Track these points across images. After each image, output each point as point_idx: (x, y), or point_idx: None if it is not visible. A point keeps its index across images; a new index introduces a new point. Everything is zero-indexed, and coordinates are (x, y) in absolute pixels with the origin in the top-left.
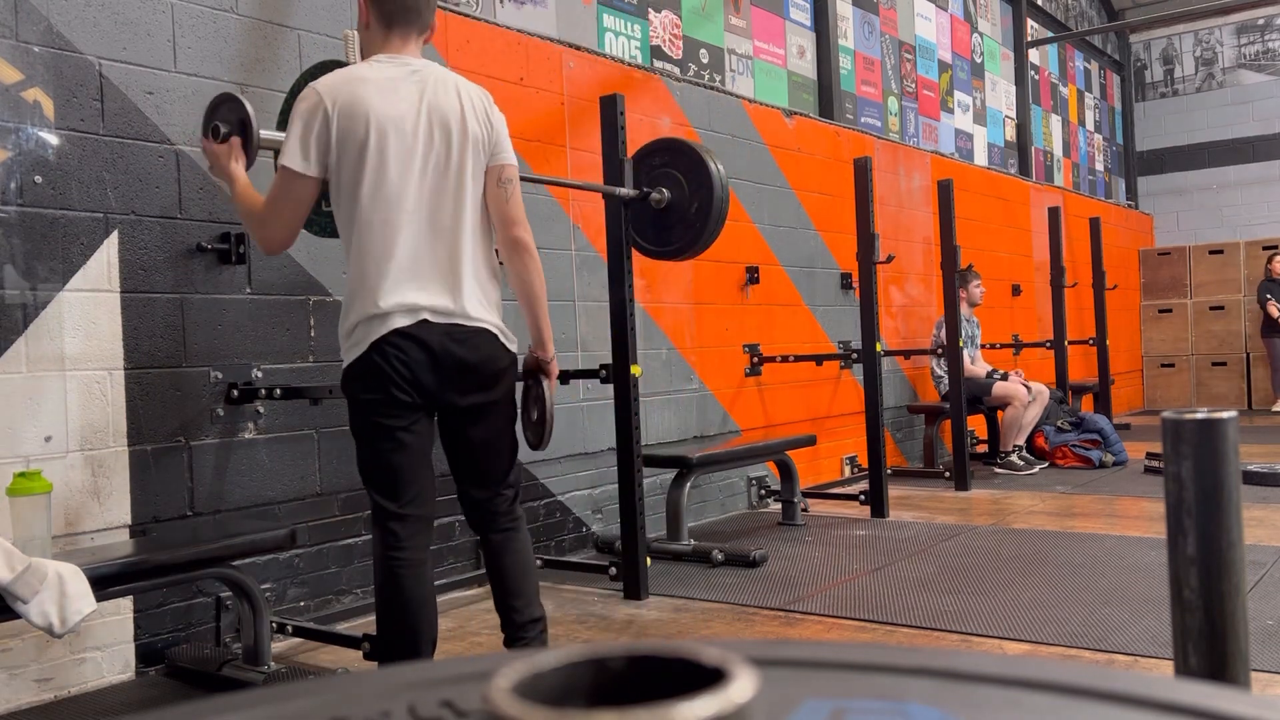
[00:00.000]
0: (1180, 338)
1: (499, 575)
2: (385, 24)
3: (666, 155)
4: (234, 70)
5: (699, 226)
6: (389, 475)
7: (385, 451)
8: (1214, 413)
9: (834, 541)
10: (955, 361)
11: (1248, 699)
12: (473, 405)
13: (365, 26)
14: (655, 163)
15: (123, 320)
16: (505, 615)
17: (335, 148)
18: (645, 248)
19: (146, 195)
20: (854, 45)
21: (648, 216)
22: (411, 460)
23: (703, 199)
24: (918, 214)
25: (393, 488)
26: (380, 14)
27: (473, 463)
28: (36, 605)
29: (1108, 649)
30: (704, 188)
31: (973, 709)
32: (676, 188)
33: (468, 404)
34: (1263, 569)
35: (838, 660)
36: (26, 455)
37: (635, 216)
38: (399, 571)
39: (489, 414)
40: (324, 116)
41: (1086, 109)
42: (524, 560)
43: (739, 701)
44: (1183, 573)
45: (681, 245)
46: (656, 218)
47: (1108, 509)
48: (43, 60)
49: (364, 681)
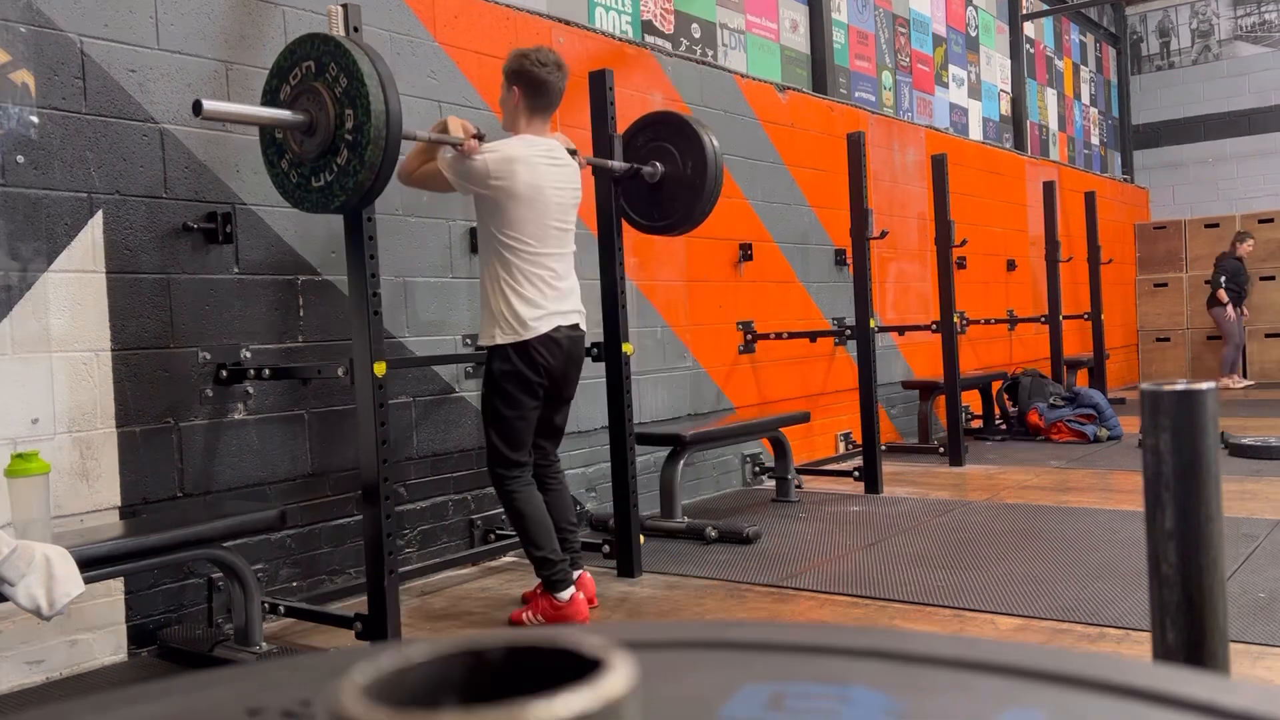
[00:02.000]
0: (1176, 312)
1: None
2: (530, 111)
3: (658, 129)
4: (218, 47)
5: (693, 199)
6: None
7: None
8: (1193, 384)
9: (828, 518)
10: (950, 335)
11: (1200, 680)
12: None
13: (515, 107)
14: (647, 136)
15: (109, 301)
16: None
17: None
18: (640, 223)
19: (131, 174)
20: (847, 19)
21: (642, 192)
22: None
23: (696, 171)
24: (912, 189)
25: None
26: (528, 105)
27: None
28: (24, 588)
29: (1100, 623)
30: (697, 160)
31: (919, 693)
32: (670, 161)
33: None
34: (1255, 542)
35: (781, 642)
36: (14, 438)
37: (629, 192)
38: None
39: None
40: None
41: (1082, 82)
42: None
43: (610, 696)
44: (1160, 547)
45: (677, 219)
46: (650, 192)
47: (1102, 483)
48: (23, 38)
49: (286, 669)
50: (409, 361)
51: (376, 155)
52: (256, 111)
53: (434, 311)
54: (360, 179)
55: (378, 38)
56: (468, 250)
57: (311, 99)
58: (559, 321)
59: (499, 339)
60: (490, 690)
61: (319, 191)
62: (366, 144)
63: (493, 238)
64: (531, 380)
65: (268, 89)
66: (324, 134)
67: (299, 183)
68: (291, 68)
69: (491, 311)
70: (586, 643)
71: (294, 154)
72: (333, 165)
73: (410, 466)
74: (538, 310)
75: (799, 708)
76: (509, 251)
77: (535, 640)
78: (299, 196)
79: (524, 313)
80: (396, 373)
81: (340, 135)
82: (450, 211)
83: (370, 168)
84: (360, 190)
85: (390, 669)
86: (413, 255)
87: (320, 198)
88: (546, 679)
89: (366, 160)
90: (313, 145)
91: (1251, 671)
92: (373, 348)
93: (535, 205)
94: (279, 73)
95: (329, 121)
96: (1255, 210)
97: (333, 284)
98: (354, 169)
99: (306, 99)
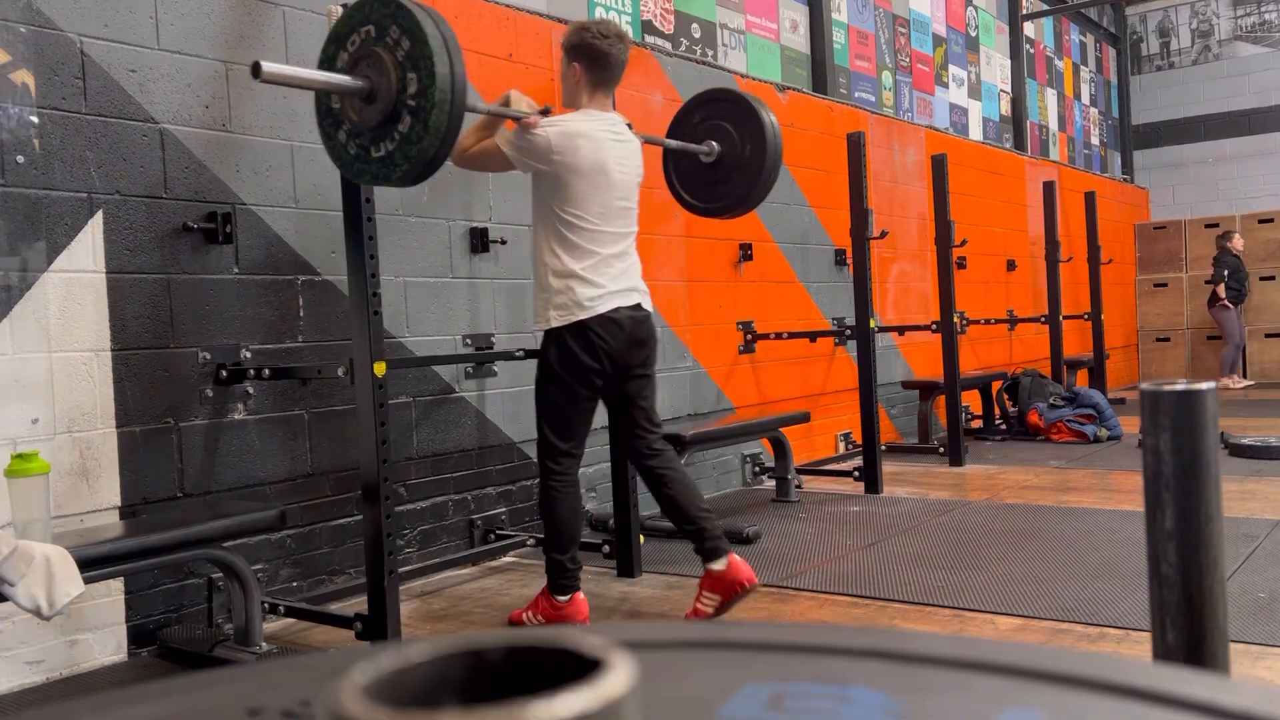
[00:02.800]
0: (1176, 312)
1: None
2: (592, 86)
3: (716, 107)
4: (218, 47)
5: (751, 182)
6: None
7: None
8: (1193, 384)
9: (828, 518)
10: (950, 335)
11: (1200, 680)
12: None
13: (576, 83)
14: (703, 114)
15: (109, 301)
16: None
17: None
18: (693, 204)
19: (131, 174)
20: (847, 19)
21: (696, 171)
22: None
23: (755, 152)
24: (912, 189)
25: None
26: (590, 79)
27: None
28: (24, 588)
29: (1100, 623)
30: (756, 141)
31: (919, 693)
32: (727, 141)
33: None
34: (1255, 542)
35: (781, 642)
36: (14, 438)
37: (682, 171)
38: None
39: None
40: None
41: (1082, 83)
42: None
43: (610, 696)
44: (1160, 547)
45: (732, 201)
46: (706, 172)
47: (1101, 483)
48: (23, 38)
49: (286, 669)
50: (409, 361)
51: (441, 121)
52: (315, 75)
53: (434, 311)
54: (424, 146)
55: None
56: (468, 250)
57: (371, 65)
58: (619, 302)
59: (554, 321)
60: (490, 690)
61: (379, 162)
62: (431, 109)
63: (552, 215)
64: (587, 366)
65: (324, 57)
66: (385, 100)
67: (357, 154)
68: (349, 33)
69: (546, 292)
70: (586, 643)
71: (352, 123)
72: (394, 133)
73: (410, 466)
74: (596, 290)
75: (799, 708)
76: (568, 229)
77: (535, 640)
78: (358, 169)
79: (582, 292)
80: (396, 373)
81: (403, 101)
82: (450, 211)
83: (435, 134)
84: (424, 158)
85: (390, 669)
86: (413, 255)
87: (381, 168)
88: (546, 679)
89: (431, 126)
90: (373, 113)
91: (1251, 671)
92: (373, 348)
93: (598, 182)
94: (336, 39)
95: (390, 87)
96: (1255, 210)
97: (333, 284)
98: (417, 136)
99: (366, 65)
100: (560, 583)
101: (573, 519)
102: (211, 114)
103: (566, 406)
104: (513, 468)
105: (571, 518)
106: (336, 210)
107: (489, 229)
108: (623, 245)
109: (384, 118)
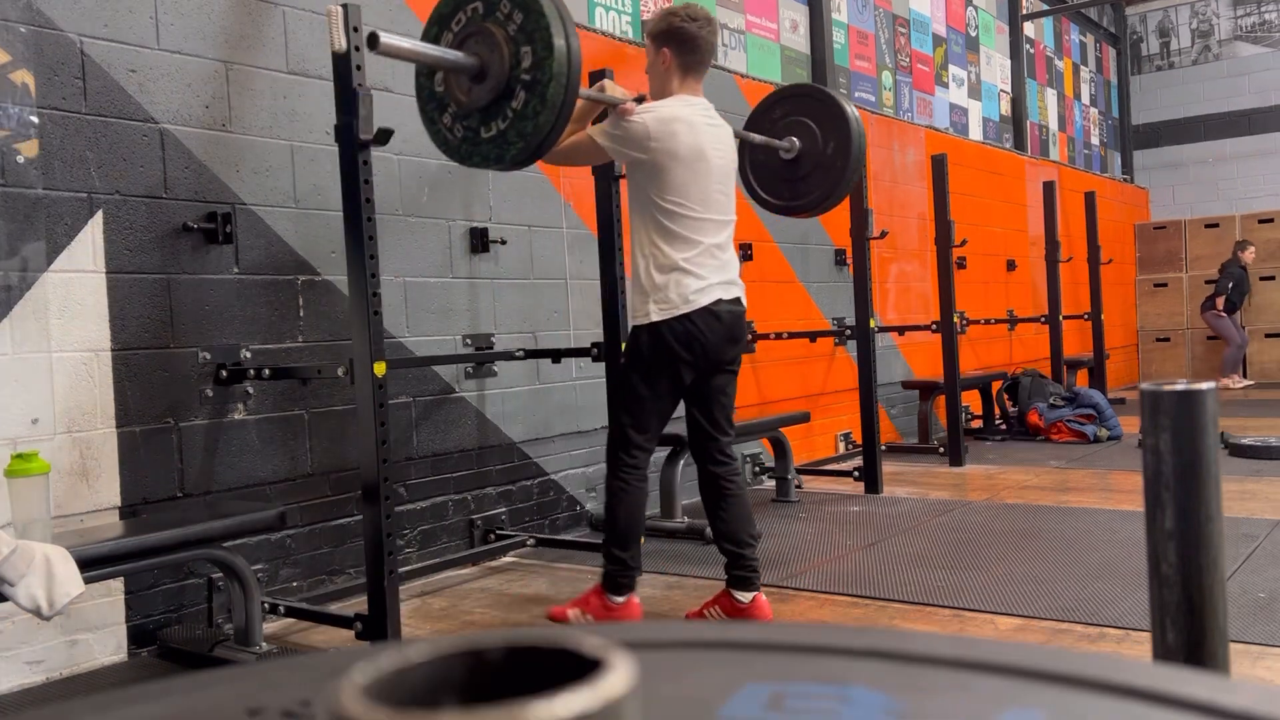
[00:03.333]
0: (1176, 312)
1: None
2: (683, 71)
3: (798, 103)
4: (218, 47)
5: (832, 182)
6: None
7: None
8: (1193, 384)
9: (828, 518)
10: (950, 335)
11: (1200, 680)
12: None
13: (665, 70)
14: (784, 110)
15: (109, 301)
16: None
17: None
18: (769, 201)
19: (131, 174)
20: (847, 19)
21: (774, 168)
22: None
23: (839, 151)
24: (912, 189)
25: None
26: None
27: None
28: (24, 588)
29: (1099, 623)
30: (840, 139)
31: (919, 693)
32: (808, 138)
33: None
34: (1255, 542)
35: (781, 642)
36: (14, 437)
37: (757, 166)
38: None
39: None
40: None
41: (1082, 82)
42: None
43: (610, 696)
44: (1160, 547)
45: (811, 201)
46: (785, 170)
47: (1101, 483)
48: (23, 38)
49: (286, 669)
50: (409, 361)
51: (558, 94)
52: (429, 50)
53: (434, 311)
54: (540, 122)
55: None
56: (468, 250)
57: (481, 41)
58: (720, 295)
59: (654, 315)
60: (490, 690)
61: (490, 142)
62: (548, 81)
63: (652, 206)
64: (679, 358)
65: (426, 38)
66: (497, 77)
67: (466, 136)
68: (454, 13)
69: (647, 286)
70: (586, 643)
71: (460, 105)
72: (507, 111)
73: (410, 466)
74: (700, 282)
75: (799, 708)
76: (669, 219)
77: (535, 640)
78: (465, 151)
79: (687, 285)
80: (396, 373)
81: (516, 76)
82: (450, 211)
83: (552, 108)
84: (540, 134)
85: (390, 669)
86: (413, 255)
87: (493, 148)
88: (546, 679)
89: (548, 100)
90: (484, 91)
91: (1251, 671)
92: (373, 348)
93: (697, 168)
94: (439, 20)
95: (503, 63)
96: (1255, 210)
97: (333, 284)
98: (533, 111)
99: (474, 42)
100: (620, 581)
101: (639, 515)
102: (211, 114)
103: (650, 399)
104: (513, 468)
105: (638, 513)
106: (336, 210)
107: (489, 229)
108: (724, 235)
109: (496, 95)
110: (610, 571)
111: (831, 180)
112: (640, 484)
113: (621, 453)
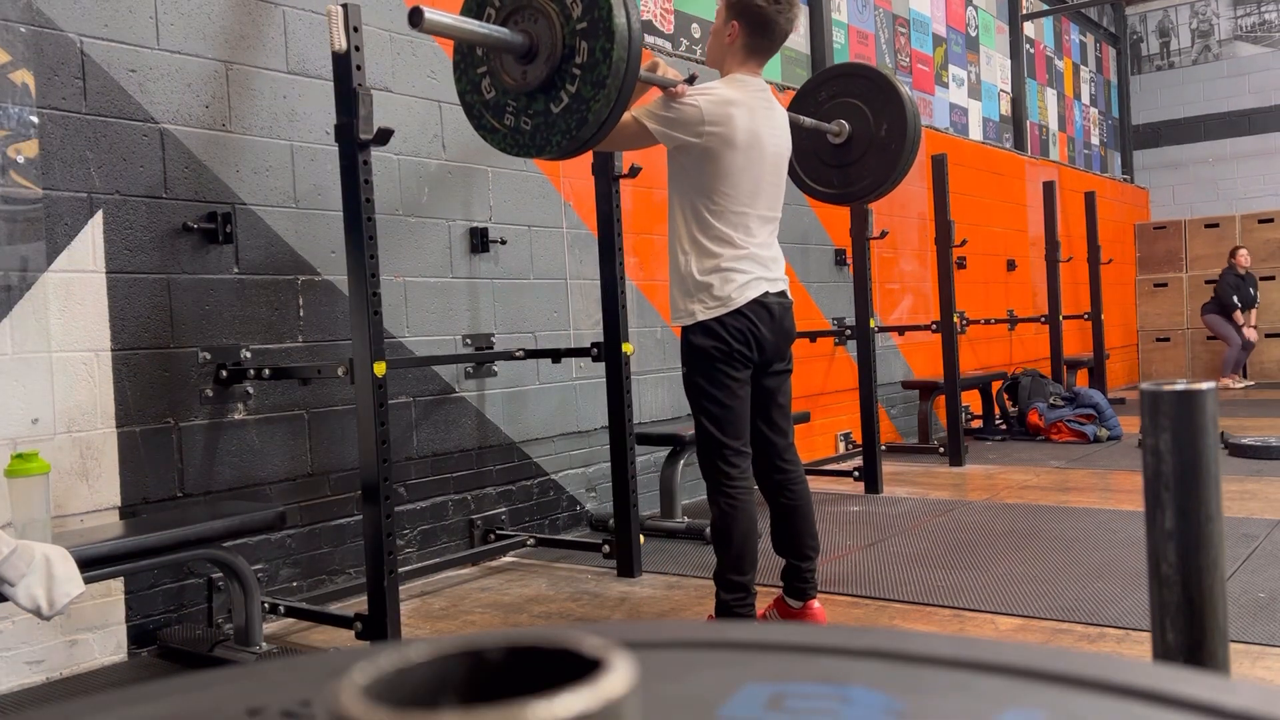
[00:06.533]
0: (1176, 312)
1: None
2: (747, 52)
3: (847, 83)
4: (218, 47)
5: (887, 167)
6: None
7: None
8: (1193, 384)
9: (827, 518)
10: (950, 335)
11: (1200, 680)
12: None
13: (729, 43)
14: (831, 91)
15: (109, 301)
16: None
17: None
18: (815, 189)
19: (131, 175)
20: (847, 19)
21: (821, 153)
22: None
23: (893, 133)
24: (912, 189)
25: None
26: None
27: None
28: (24, 588)
29: (1099, 623)
30: (895, 120)
31: (919, 693)
32: (859, 120)
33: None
34: (1255, 542)
35: (781, 642)
36: (14, 437)
37: (805, 157)
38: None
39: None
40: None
41: (1082, 82)
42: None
43: (610, 696)
44: (1160, 547)
45: (864, 187)
46: (834, 155)
47: (1101, 483)
48: (23, 38)
49: (286, 669)
50: (409, 361)
51: (617, 79)
52: (477, 27)
53: (434, 311)
54: (598, 107)
55: (378, 38)
56: (468, 250)
57: (527, 17)
58: (767, 287)
59: (699, 315)
60: (490, 690)
61: (537, 130)
62: (607, 65)
63: (696, 194)
64: (736, 351)
65: (465, 14)
66: (549, 59)
67: (514, 125)
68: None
69: (688, 284)
70: (586, 643)
71: (505, 88)
72: (560, 95)
73: (410, 466)
74: (744, 276)
75: (799, 708)
76: (712, 212)
77: (535, 640)
78: (511, 141)
79: (731, 280)
80: (396, 373)
81: (570, 57)
82: (450, 211)
83: (610, 94)
84: (598, 121)
85: (390, 669)
86: (413, 255)
87: (549, 134)
88: (546, 679)
89: (608, 85)
90: (536, 71)
91: (1251, 671)
92: (373, 348)
93: (752, 156)
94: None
95: (555, 40)
96: (1255, 210)
97: (333, 284)
98: (589, 95)
99: (521, 18)
100: (738, 613)
101: (754, 532)
102: (211, 114)
103: (726, 397)
104: (513, 467)
105: (752, 531)
106: (336, 210)
107: (489, 229)
108: (770, 229)
109: (548, 77)
110: (727, 601)
111: (887, 164)
112: (748, 497)
113: (720, 463)
